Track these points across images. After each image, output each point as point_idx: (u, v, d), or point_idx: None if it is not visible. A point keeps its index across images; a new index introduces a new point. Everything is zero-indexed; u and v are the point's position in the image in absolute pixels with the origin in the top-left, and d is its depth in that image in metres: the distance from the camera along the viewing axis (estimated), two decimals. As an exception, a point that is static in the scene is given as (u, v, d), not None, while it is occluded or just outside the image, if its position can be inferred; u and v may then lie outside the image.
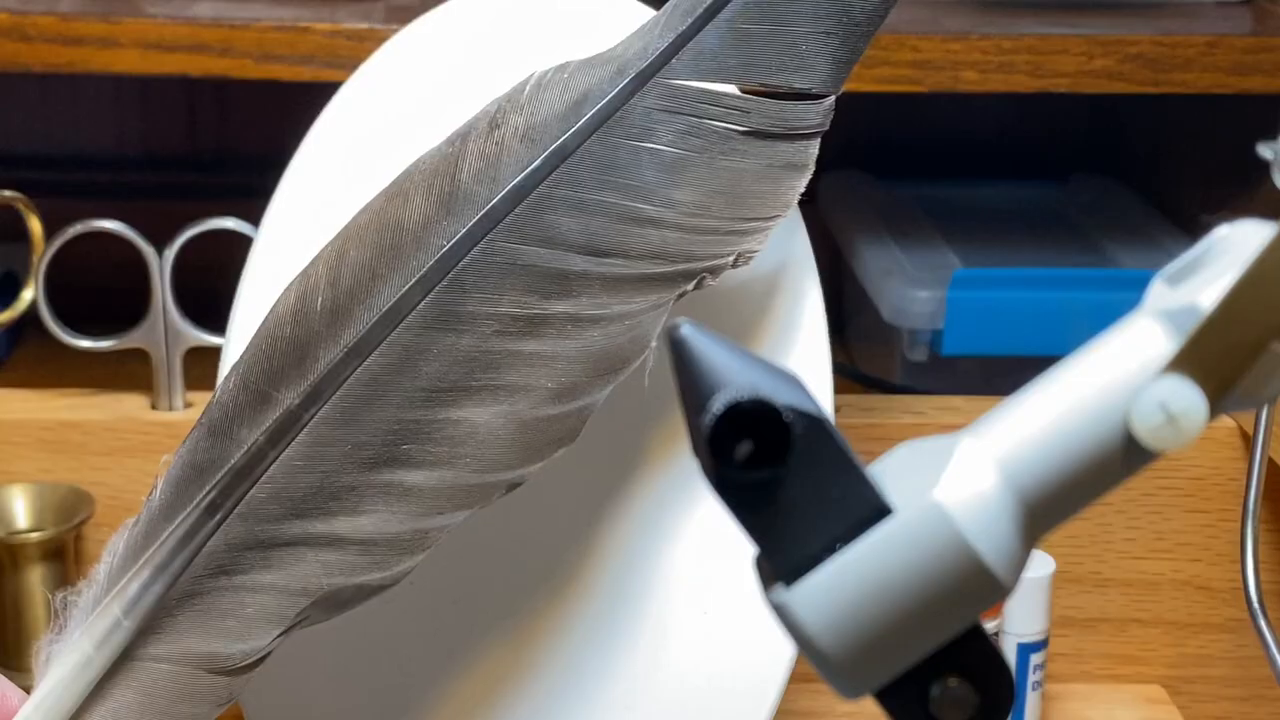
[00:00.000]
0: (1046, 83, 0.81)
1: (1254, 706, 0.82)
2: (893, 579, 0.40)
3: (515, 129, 0.54)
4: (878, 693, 0.42)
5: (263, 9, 0.81)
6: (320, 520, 0.53)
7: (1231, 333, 0.41)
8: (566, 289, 0.54)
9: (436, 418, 0.54)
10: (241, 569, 0.53)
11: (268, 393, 0.53)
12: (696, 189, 0.55)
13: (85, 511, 0.74)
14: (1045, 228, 1.01)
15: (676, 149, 0.55)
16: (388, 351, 0.53)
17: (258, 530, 0.53)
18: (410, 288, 0.53)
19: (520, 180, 0.54)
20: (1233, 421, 0.78)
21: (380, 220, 0.54)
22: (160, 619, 0.53)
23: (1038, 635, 0.75)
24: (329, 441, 0.53)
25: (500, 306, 0.54)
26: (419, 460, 0.54)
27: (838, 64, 0.56)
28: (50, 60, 0.78)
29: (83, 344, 0.78)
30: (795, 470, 0.40)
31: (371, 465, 0.54)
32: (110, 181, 1.07)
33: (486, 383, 0.54)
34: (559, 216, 0.54)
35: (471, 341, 0.54)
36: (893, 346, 0.92)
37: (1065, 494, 0.42)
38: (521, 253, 0.54)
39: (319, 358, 0.53)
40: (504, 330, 0.54)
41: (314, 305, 0.54)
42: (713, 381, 0.40)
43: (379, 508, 0.54)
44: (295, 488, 0.53)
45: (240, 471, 0.53)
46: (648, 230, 0.55)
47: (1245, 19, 0.88)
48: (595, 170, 0.54)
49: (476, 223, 0.54)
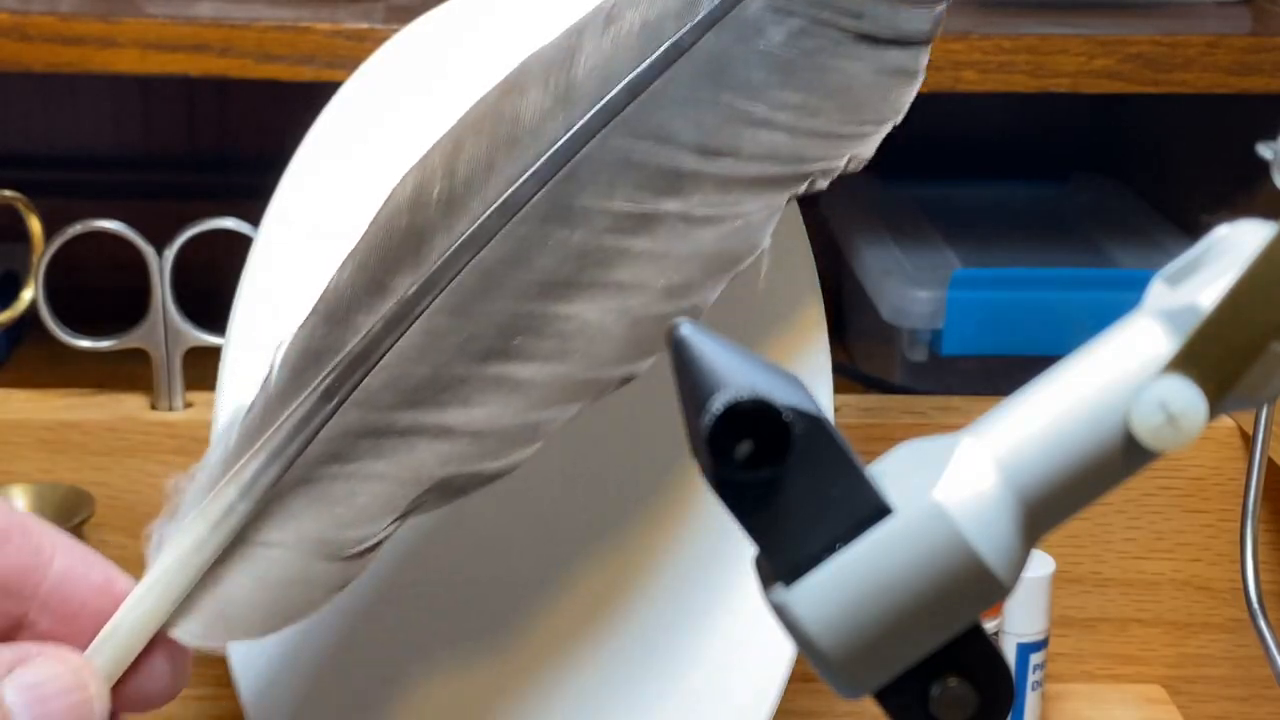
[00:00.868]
0: (1046, 83, 0.81)
1: (1254, 706, 0.82)
2: (893, 579, 0.41)
3: (631, 24, 0.54)
4: (878, 692, 0.42)
5: (263, 9, 0.81)
6: (432, 410, 0.54)
7: (1231, 333, 0.41)
8: (678, 187, 0.54)
9: (548, 312, 0.54)
10: (355, 456, 0.53)
11: (384, 281, 0.54)
12: (807, 91, 0.55)
13: (85, 511, 0.74)
14: (1045, 228, 1.01)
15: (788, 50, 0.55)
16: (502, 244, 0.53)
17: (372, 418, 0.53)
18: (525, 180, 0.53)
19: (636, 75, 0.54)
20: (1233, 421, 0.78)
21: (496, 112, 0.54)
22: (275, 504, 0.53)
23: (1038, 635, 0.75)
24: (443, 332, 0.53)
25: (613, 202, 0.54)
26: (530, 353, 0.54)
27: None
28: (50, 60, 0.78)
29: (83, 344, 0.78)
30: (795, 470, 0.40)
31: (484, 357, 0.54)
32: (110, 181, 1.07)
33: (598, 278, 0.54)
34: (672, 114, 0.54)
35: (584, 236, 0.54)
36: (893, 346, 0.92)
37: (1065, 494, 0.42)
38: (635, 149, 0.54)
39: (434, 247, 0.54)
40: (616, 227, 0.54)
41: (430, 195, 0.54)
42: (713, 381, 0.40)
43: (490, 400, 0.54)
44: (409, 377, 0.53)
45: (356, 358, 0.53)
46: (759, 131, 0.55)
47: (1245, 19, 0.88)
48: (708, 68, 0.54)
49: (592, 117, 0.54)
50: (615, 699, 0.64)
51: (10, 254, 0.91)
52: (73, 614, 0.49)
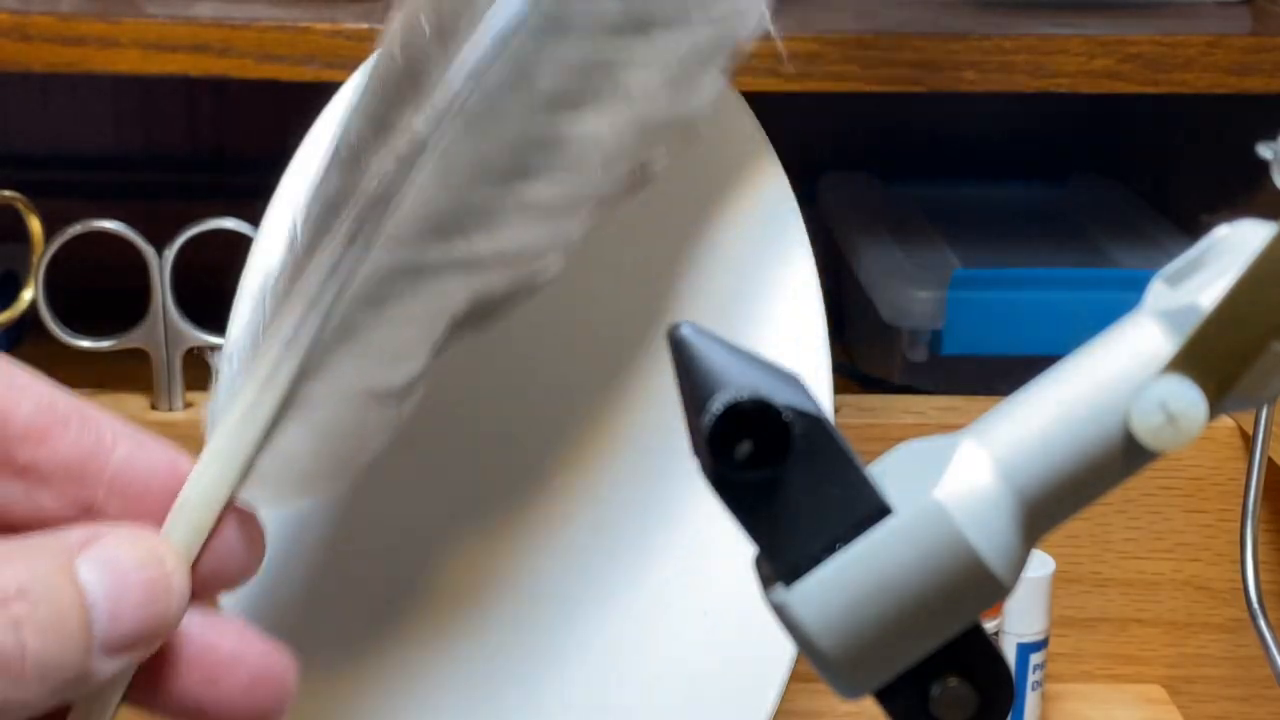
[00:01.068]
0: (1046, 83, 0.81)
1: (1254, 706, 0.82)
2: (893, 579, 0.41)
3: None
4: (878, 693, 0.42)
5: (263, 9, 0.81)
6: (459, 241, 0.53)
7: (1231, 333, 0.41)
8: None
9: (559, 126, 0.53)
10: (390, 297, 0.52)
11: (389, 119, 0.53)
12: None
13: (85, 511, 0.74)
14: (1045, 228, 1.01)
15: None
16: (500, 67, 0.53)
17: (400, 255, 0.52)
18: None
19: None
20: (1233, 421, 0.78)
21: None
22: (319, 355, 0.52)
23: (1038, 635, 0.75)
24: (457, 161, 0.53)
25: (602, 4, 0.53)
26: (548, 171, 0.53)
27: None
28: (50, 60, 0.78)
29: (83, 344, 0.78)
30: (795, 470, 0.40)
31: (502, 180, 0.53)
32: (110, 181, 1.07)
33: (603, 87, 0.53)
34: None
35: (581, 47, 0.53)
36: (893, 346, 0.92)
37: (1065, 494, 0.42)
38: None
39: (434, 78, 0.53)
40: (613, 30, 0.53)
41: (420, 28, 0.53)
42: (713, 381, 0.40)
43: (515, 221, 0.53)
44: (430, 211, 0.53)
45: (375, 199, 0.52)
46: None
47: (1245, 19, 0.88)
48: None
49: None
50: (615, 699, 0.64)
51: (10, 254, 0.91)
52: (140, 495, 0.48)
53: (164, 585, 0.47)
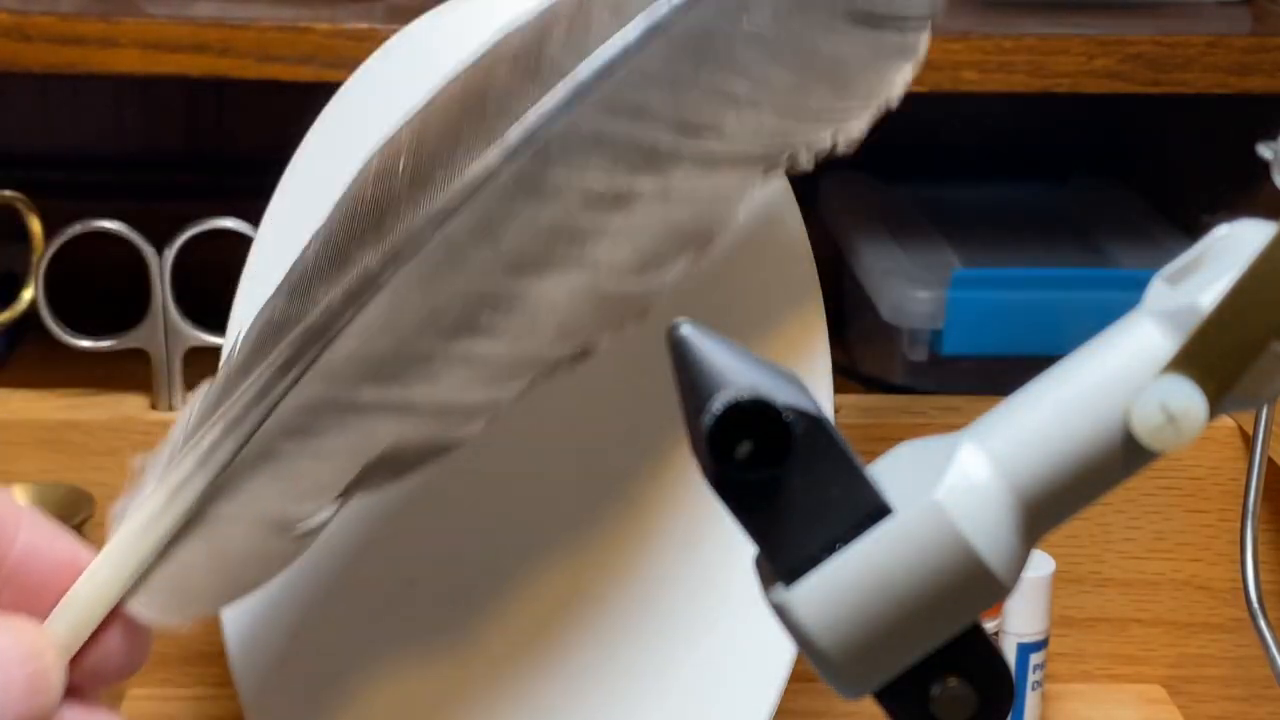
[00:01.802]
0: (1046, 83, 0.81)
1: (1254, 706, 0.82)
2: (893, 579, 0.41)
3: (605, 2, 0.54)
4: (878, 692, 0.42)
5: (263, 9, 0.81)
6: (396, 385, 0.53)
7: (1231, 333, 0.41)
8: (655, 164, 0.53)
9: (516, 287, 0.53)
10: (315, 431, 0.53)
11: (347, 253, 0.53)
12: (796, 70, 0.54)
13: (85, 511, 0.74)
14: (1045, 228, 1.01)
15: (775, 29, 0.54)
16: (468, 218, 0.53)
17: (333, 392, 0.53)
18: (493, 154, 0.53)
19: (610, 51, 0.53)
20: (1233, 421, 0.78)
21: (465, 90, 0.54)
22: (232, 476, 0.52)
23: (1038, 635, 0.75)
24: (405, 306, 0.53)
25: (586, 178, 0.53)
26: (497, 329, 0.53)
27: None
28: (50, 60, 0.78)
29: (83, 344, 0.78)
30: (795, 470, 0.40)
31: (450, 332, 0.53)
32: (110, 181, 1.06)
33: (570, 255, 0.53)
34: (650, 90, 0.53)
35: (555, 212, 0.53)
36: (893, 346, 0.92)
37: (1065, 494, 0.42)
38: (610, 124, 0.53)
39: (399, 219, 0.53)
40: (590, 203, 0.53)
41: (396, 167, 0.53)
42: (713, 381, 0.40)
43: (455, 374, 0.53)
44: (371, 350, 0.53)
45: (316, 330, 0.53)
46: (743, 109, 0.54)
47: (1245, 19, 0.88)
48: (689, 45, 0.53)
49: (565, 94, 0.53)
50: (615, 699, 0.64)
51: (10, 254, 0.91)
52: (36, 588, 0.49)
53: (41, 682, 0.47)
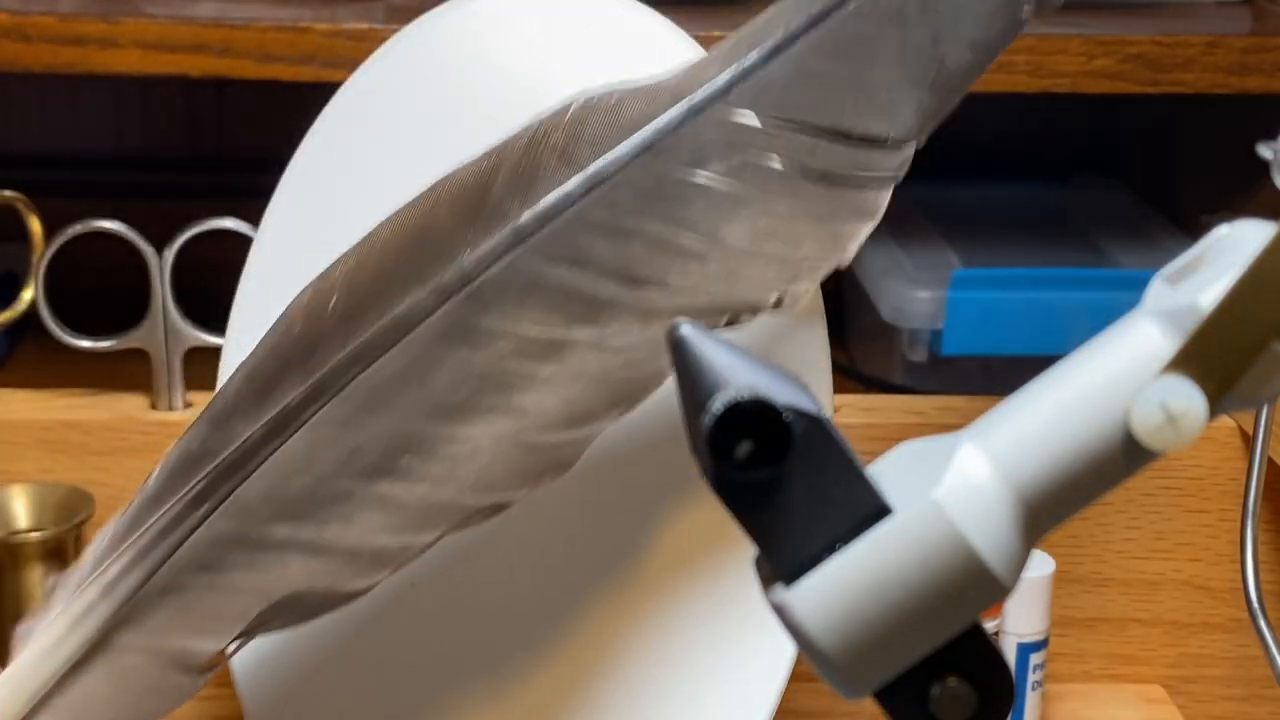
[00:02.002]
0: (1046, 83, 0.81)
1: (1254, 706, 0.81)
2: (893, 579, 0.40)
3: (554, 147, 0.52)
4: (878, 692, 0.42)
5: (263, 9, 0.81)
6: (310, 525, 0.52)
7: (1231, 333, 0.41)
8: (594, 315, 0.52)
9: (440, 432, 0.52)
10: (225, 567, 0.52)
11: (269, 388, 0.52)
12: (748, 227, 0.53)
13: (85, 511, 0.74)
14: (1045, 228, 1.01)
15: (729, 184, 0.52)
16: (395, 359, 0.52)
17: (245, 529, 0.52)
18: (426, 295, 0.52)
19: (554, 199, 0.52)
20: (1233, 421, 0.78)
21: (404, 228, 0.53)
22: (137, 608, 0.52)
23: (1038, 635, 0.75)
24: (325, 445, 0.52)
25: (520, 326, 0.52)
26: (417, 474, 0.52)
27: (923, 114, 0.53)
28: (50, 60, 0.78)
29: (83, 344, 0.78)
30: (795, 470, 0.40)
31: (368, 474, 0.52)
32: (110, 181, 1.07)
33: (496, 402, 0.52)
34: (592, 240, 0.52)
35: (485, 359, 0.52)
36: (893, 346, 0.92)
37: (1065, 494, 0.42)
38: (549, 272, 0.52)
39: (324, 358, 0.52)
40: (522, 350, 0.52)
41: (326, 305, 0.53)
42: (713, 381, 0.40)
43: (371, 518, 0.52)
44: (287, 488, 0.52)
45: (232, 465, 0.52)
46: (689, 263, 0.53)
47: (1245, 19, 0.88)
48: (637, 197, 0.52)
49: (503, 237, 0.52)
50: (616, 699, 0.64)
51: (10, 254, 0.91)
52: None
53: None
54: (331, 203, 0.63)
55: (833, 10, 0.52)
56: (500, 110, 0.63)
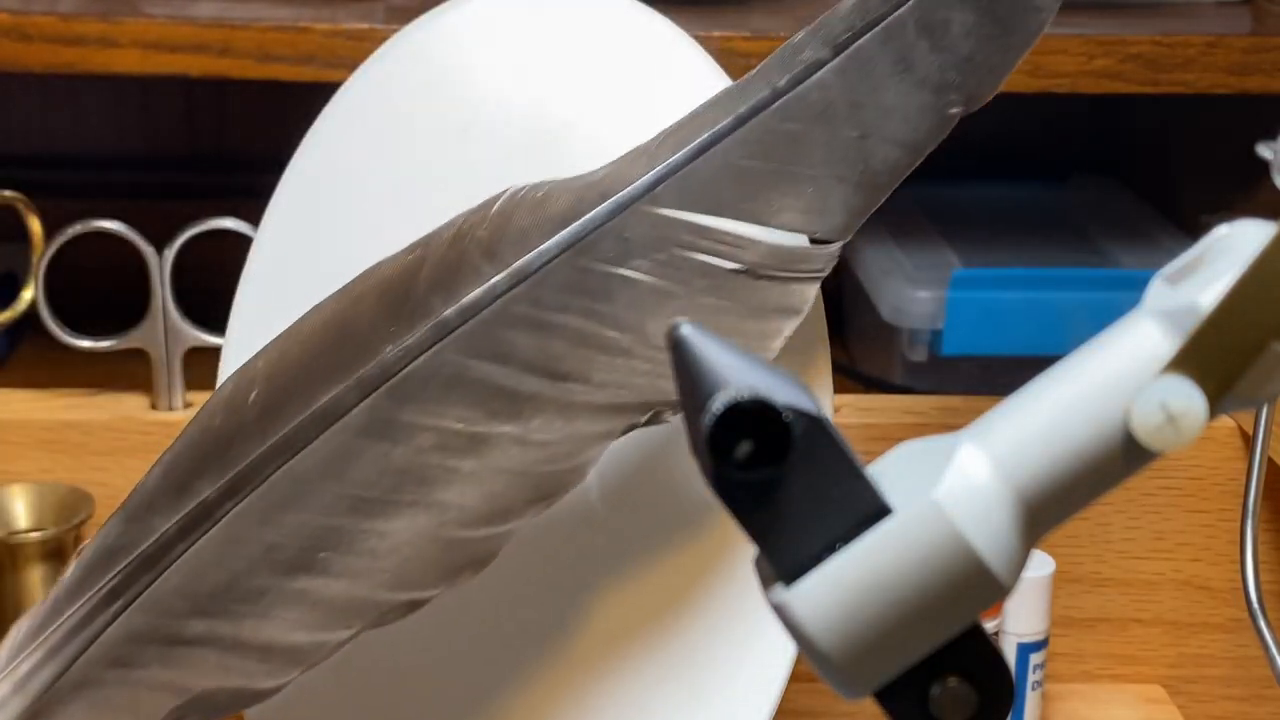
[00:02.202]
0: (1046, 83, 0.81)
1: (1254, 706, 0.81)
2: (892, 579, 0.40)
3: (478, 242, 0.53)
4: (878, 692, 0.42)
5: (263, 9, 0.81)
6: (226, 620, 0.52)
7: (1231, 333, 0.41)
8: (516, 410, 0.52)
9: (359, 527, 0.52)
10: (140, 662, 0.52)
11: (187, 482, 0.52)
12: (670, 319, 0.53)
13: (85, 511, 0.74)
14: (1045, 228, 1.01)
15: (653, 279, 0.53)
16: (314, 453, 0.52)
17: (160, 624, 0.52)
18: (346, 390, 0.52)
19: (477, 294, 0.52)
20: (1233, 421, 0.78)
21: (327, 320, 0.53)
22: (50, 705, 0.52)
23: (1038, 635, 0.75)
24: (242, 540, 0.52)
25: (442, 420, 0.52)
26: (335, 569, 0.52)
27: (850, 213, 0.54)
28: (50, 60, 0.78)
29: (83, 344, 0.78)
30: (795, 470, 0.40)
31: (285, 569, 0.52)
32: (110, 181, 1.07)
33: (417, 497, 0.52)
34: (516, 335, 0.52)
35: (406, 453, 0.52)
36: (893, 346, 0.92)
37: (1065, 494, 0.42)
38: (471, 367, 0.52)
39: (243, 452, 0.52)
40: (443, 445, 0.52)
41: (246, 399, 0.52)
42: (713, 381, 0.40)
43: (288, 614, 0.52)
44: (203, 583, 0.52)
45: (147, 560, 0.52)
46: (614, 359, 0.53)
47: (1245, 19, 0.88)
48: (560, 292, 0.52)
49: (426, 332, 0.52)
50: (615, 699, 0.64)
51: (10, 254, 0.91)
52: None
53: None
54: (331, 203, 0.63)
55: (760, 109, 0.53)
56: (500, 110, 0.63)
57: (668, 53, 0.63)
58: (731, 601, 0.64)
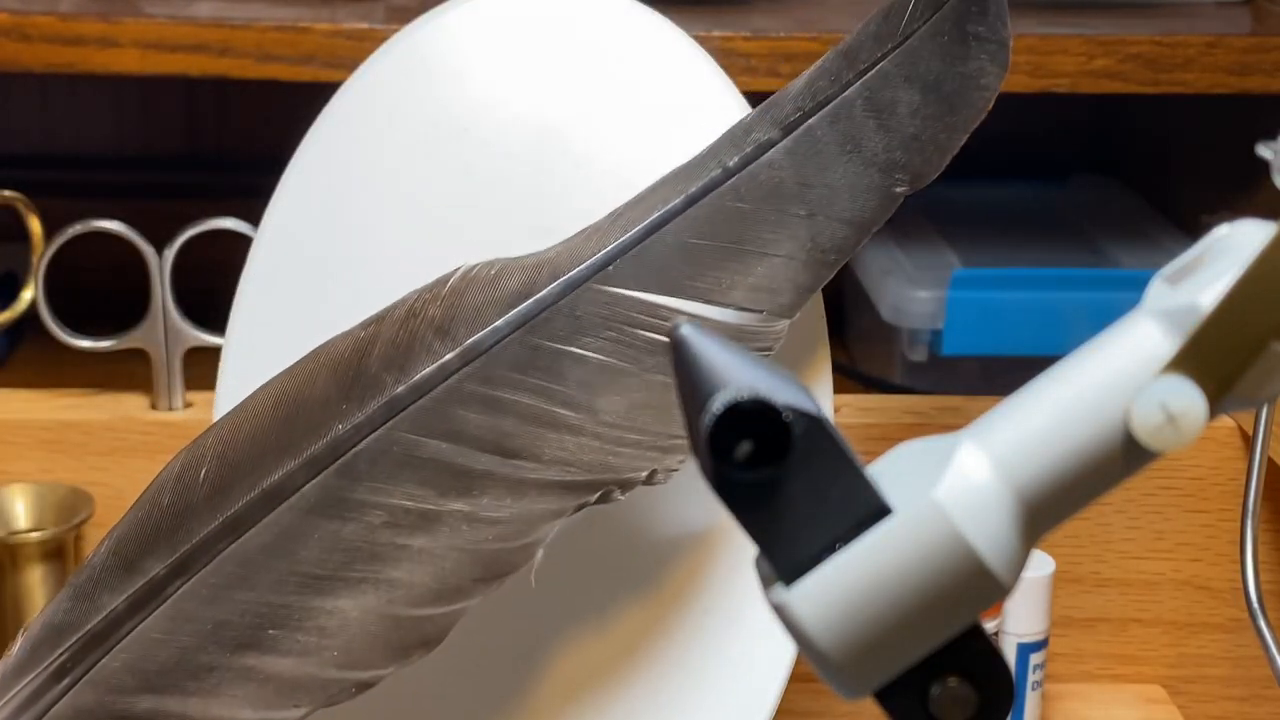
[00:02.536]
0: (1046, 83, 0.81)
1: (1254, 706, 0.81)
2: (892, 579, 0.40)
3: (430, 320, 0.53)
4: (878, 692, 0.42)
5: (263, 9, 0.81)
6: (174, 697, 0.52)
7: (1231, 333, 0.41)
8: (467, 487, 0.53)
9: (308, 605, 0.52)
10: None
11: (136, 560, 0.52)
12: (623, 400, 0.54)
13: (85, 511, 0.74)
14: (1045, 228, 1.01)
15: (604, 357, 0.53)
16: (264, 531, 0.52)
17: (108, 700, 0.52)
18: (296, 468, 0.52)
19: (428, 372, 0.53)
20: (1233, 421, 0.78)
21: (278, 397, 0.53)
22: None
23: (1038, 635, 0.75)
24: (191, 617, 0.52)
25: (393, 498, 0.52)
26: (284, 647, 0.52)
27: (798, 290, 0.55)
28: (50, 60, 0.78)
29: (83, 344, 0.78)
30: (795, 470, 0.40)
31: (234, 647, 0.52)
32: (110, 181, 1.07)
33: (366, 574, 0.52)
34: (468, 412, 0.53)
35: (356, 530, 0.52)
36: (893, 346, 0.92)
37: (1065, 494, 0.42)
38: (422, 445, 0.52)
39: (193, 530, 0.52)
40: (394, 522, 0.52)
41: (196, 476, 0.53)
42: (712, 381, 0.40)
43: (236, 691, 0.52)
44: (151, 661, 0.52)
45: (95, 637, 0.52)
46: (564, 436, 0.53)
47: (1245, 19, 0.88)
48: (511, 370, 0.53)
49: (377, 410, 0.52)
50: (615, 699, 0.64)
51: (10, 254, 0.91)
52: None
53: None
54: (331, 203, 0.63)
55: (711, 188, 0.54)
56: (500, 110, 0.63)
57: (668, 53, 0.63)
58: (731, 601, 0.64)
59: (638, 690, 0.64)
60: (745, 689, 0.65)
